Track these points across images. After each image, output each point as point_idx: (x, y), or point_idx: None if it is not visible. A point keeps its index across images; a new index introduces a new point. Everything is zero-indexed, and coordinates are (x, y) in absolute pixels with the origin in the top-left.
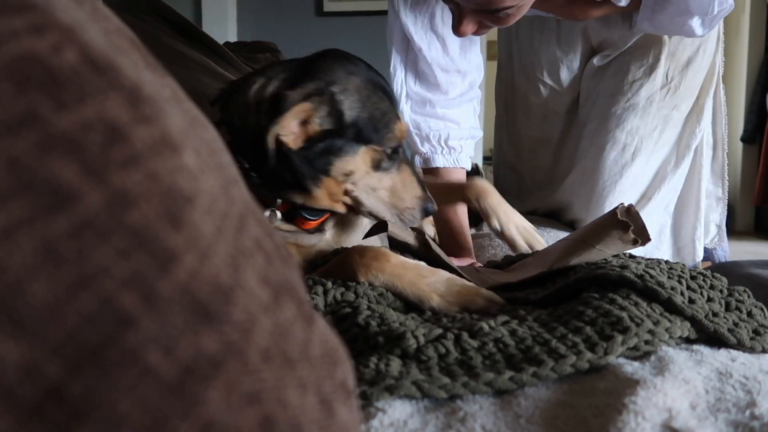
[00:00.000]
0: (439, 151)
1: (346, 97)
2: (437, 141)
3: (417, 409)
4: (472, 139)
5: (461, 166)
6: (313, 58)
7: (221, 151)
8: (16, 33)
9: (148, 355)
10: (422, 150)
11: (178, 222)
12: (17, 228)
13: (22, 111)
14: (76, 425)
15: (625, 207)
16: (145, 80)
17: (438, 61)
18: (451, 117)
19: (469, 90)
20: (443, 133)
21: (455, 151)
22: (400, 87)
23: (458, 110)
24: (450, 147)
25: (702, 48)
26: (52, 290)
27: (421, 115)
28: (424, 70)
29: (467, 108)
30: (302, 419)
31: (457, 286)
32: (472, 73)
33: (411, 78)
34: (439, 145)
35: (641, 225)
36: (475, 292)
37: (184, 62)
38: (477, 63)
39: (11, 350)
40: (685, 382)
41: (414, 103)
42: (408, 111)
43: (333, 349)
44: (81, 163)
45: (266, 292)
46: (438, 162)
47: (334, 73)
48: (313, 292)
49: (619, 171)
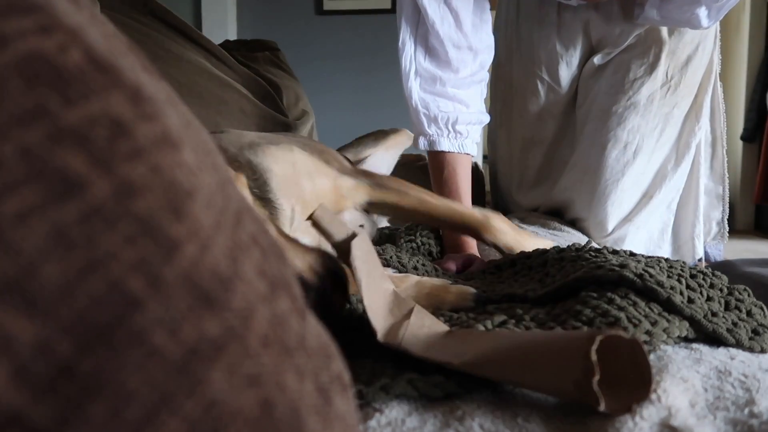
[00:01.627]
0: (446, 134)
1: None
2: (444, 123)
3: (415, 408)
4: (479, 125)
5: (466, 152)
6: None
7: (215, 153)
8: (24, 33)
9: (155, 336)
10: (428, 132)
11: (180, 213)
12: (30, 213)
13: (32, 105)
14: (87, 400)
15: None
16: (144, 82)
17: (450, 36)
18: (461, 98)
19: (480, 70)
20: (452, 116)
21: (461, 135)
22: (409, 63)
23: (468, 91)
24: (457, 131)
25: (701, 46)
26: (64, 272)
27: (431, 93)
28: (435, 45)
29: (476, 90)
30: (300, 404)
31: (426, 288)
32: (483, 53)
33: (421, 53)
34: (446, 128)
35: (644, 377)
36: (444, 289)
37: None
38: (488, 43)
39: (26, 328)
40: (683, 380)
41: (423, 80)
42: (417, 89)
43: (326, 345)
44: (89, 154)
45: (263, 284)
46: (443, 146)
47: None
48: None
49: (621, 170)
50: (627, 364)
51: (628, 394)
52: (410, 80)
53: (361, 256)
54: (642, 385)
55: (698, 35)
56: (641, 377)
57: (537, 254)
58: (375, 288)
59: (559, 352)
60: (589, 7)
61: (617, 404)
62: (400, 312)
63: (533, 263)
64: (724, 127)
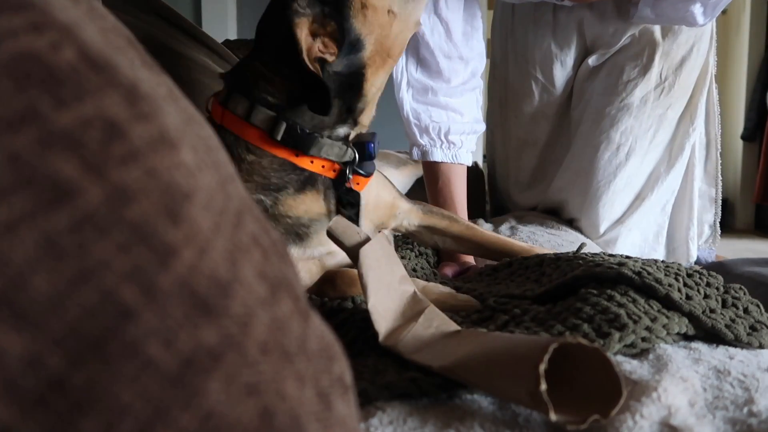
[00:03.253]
0: (438, 144)
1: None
2: (437, 134)
3: (416, 407)
4: (474, 134)
5: (460, 162)
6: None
7: (217, 149)
8: (15, 31)
9: (149, 347)
10: (421, 142)
11: (177, 217)
12: (19, 222)
13: (22, 108)
14: (79, 416)
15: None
16: (142, 78)
17: (440, 46)
18: (453, 106)
19: (472, 78)
20: (443, 126)
21: (455, 146)
22: (400, 74)
23: (461, 99)
24: (450, 141)
25: (696, 47)
26: (54, 283)
27: (423, 104)
28: (426, 56)
29: (470, 98)
30: (300, 411)
31: (434, 294)
32: (474, 61)
33: (412, 65)
34: (439, 139)
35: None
36: (452, 296)
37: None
38: (479, 50)
39: (14, 342)
40: (683, 380)
41: (415, 91)
42: (409, 99)
43: (329, 345)
44: (81, 159)
45: (263, 287)
46: (436, 156)
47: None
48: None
49: (613, 171)
50: (600, 374)
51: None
52: (402, 91)
53: (370, 262)
54: (615, 396)
55: (693, 36)
56: (614, 387)
57: (534, 255)
58: (386, 291)
59: (516, 359)
60: (583, 6)
61: (577, 416)
62: (412, 313)
63: (529, 263)
64: (718, 129)
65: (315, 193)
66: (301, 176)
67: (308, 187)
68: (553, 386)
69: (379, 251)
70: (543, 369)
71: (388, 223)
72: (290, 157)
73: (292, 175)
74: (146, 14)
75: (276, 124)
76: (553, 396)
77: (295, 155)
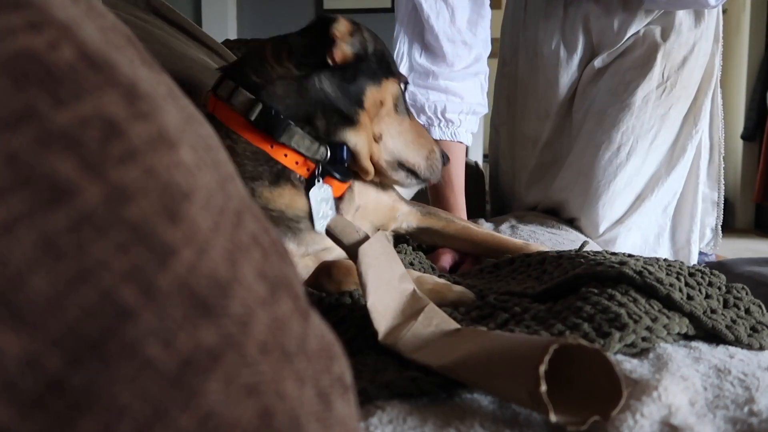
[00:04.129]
0: (436, 123)
1: (366, 29)
2: (433, 112)
3: (416, 406)
4: (474, 115)
5: (459, 140)
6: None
7: (217, 148)
8: (13, 30)
9: (148, 347)
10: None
11: (176, 217)
12: (17, 222)
13: (20, 107)
14: (77, 416)
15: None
16: (142, 77)
17: (445, 30)
18: (453, 89)
19: (475, 63)
20: (440, 105)
21: (453, 124)
22: (399, 58)
23: (463, 84)
24: (447, 119)
25: (697, 47)
26: (52, 283)
27: (422, 87)
28: (431, 41)
29: (473, 82)
30: (300, 411)
31: (428, 284)
32: (478, 47)
33: (417, 50)
34: (436, 117)
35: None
36: (447, 287)
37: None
38: (484, 38)
39: (12, 343)
40: (683, 379)
41: (417, 75)
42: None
43: (329, 345)
44: (79, 159)
45: (263, 287)
46: (435, 134)
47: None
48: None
49: (614, 171)
50: (600, 374)
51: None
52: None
53: (369, 260)
54: (615, 397)
55: (694, 36)
56: (614, 388)
57: (536, 253)
58: (385, 289)
59: (516, 360)
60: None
61: (578, 416)
62: (412, 311)
63: (531, 261)
64: (721, 133)
65: (292, 188)
66: (274, 168)
67: (282, 180)
68: (554, 386)
69: (378, 249)
70: (543, 370)
71: (388, 225)
72: (265, 147)
73: (265, 166)
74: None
75: (253, 105)
76: (553, 396)
77: (270, 146)
